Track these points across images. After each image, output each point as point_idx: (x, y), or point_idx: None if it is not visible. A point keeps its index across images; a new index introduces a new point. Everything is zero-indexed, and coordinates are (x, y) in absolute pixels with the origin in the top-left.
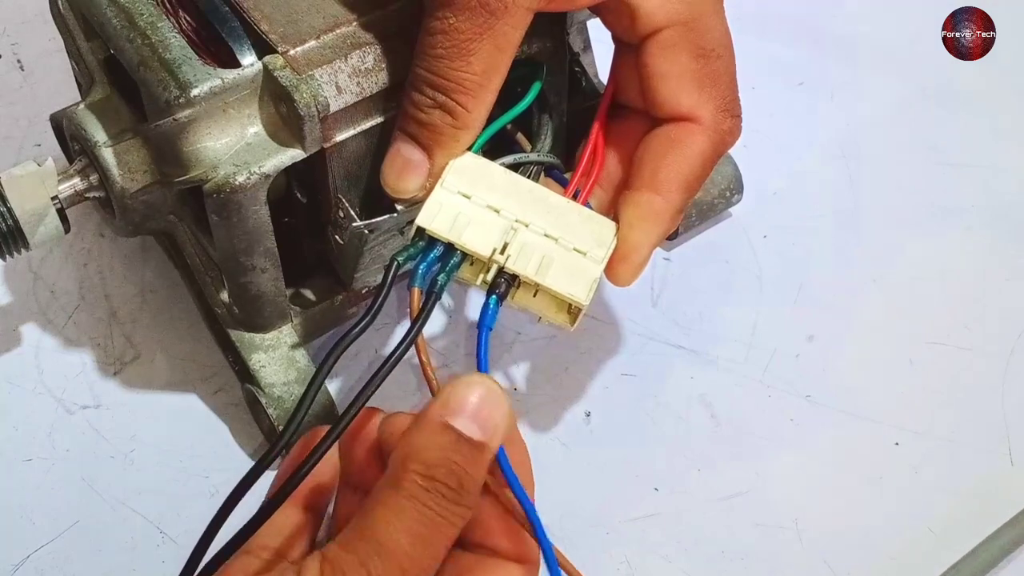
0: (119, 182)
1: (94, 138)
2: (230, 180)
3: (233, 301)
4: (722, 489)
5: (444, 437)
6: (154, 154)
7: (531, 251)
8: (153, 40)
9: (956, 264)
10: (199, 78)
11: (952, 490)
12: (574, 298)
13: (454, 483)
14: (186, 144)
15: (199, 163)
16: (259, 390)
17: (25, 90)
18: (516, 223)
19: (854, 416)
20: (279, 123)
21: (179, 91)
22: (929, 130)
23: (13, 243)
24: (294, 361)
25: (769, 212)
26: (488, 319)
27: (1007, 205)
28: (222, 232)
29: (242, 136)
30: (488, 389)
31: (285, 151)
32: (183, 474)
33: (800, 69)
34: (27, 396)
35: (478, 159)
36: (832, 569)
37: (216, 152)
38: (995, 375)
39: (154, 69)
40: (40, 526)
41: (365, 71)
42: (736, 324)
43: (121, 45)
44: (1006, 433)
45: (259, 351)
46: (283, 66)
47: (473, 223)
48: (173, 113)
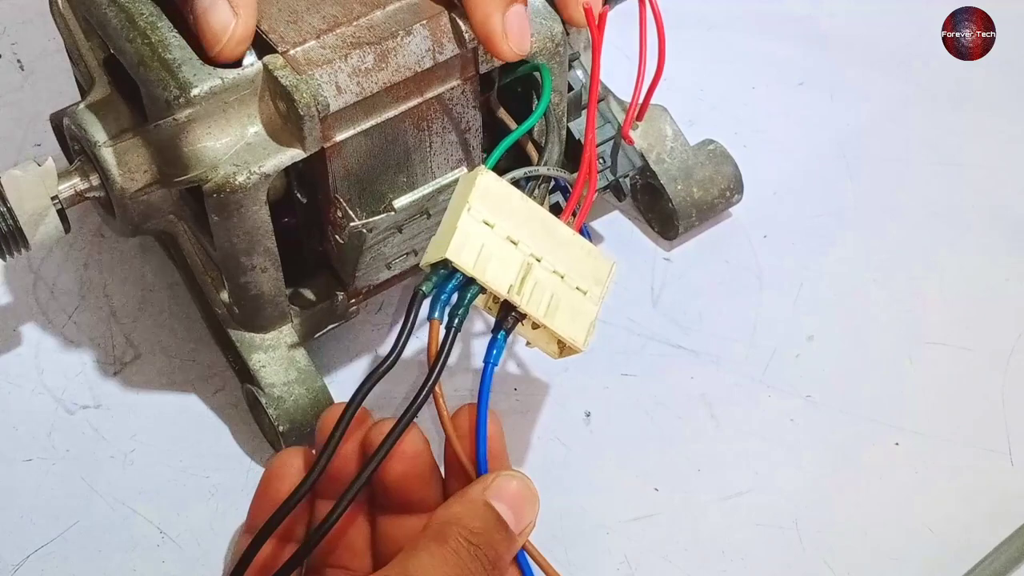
0: (119, 182)
1: (94, 138)
2: (230, 180)
3: (233, 301)
4: (722, 489)
5: (488, 513)
6: (154, 154)
7: (542, 290)
8: (153, 40)
9: (956, 264)
10: (199, 78)
11: (952, 490)
12: (574, 343)
13: (492, 555)
14: (186, 144)
15: (199, 163)
16: (259, 390)
17: (25, 90)
18: (530, 257)
19: (854, 416)
20: (279, 123)
21: (179, 91)
22: (929, 130)
23: (13, 243)
24: (294, 361)
25: (769, 212)
26: (495, 357)
27: (1007, 205)
28: (222, 232)
29: (242, 136)
30: (527, 486)
31: (285, 151)
32: (183, 474)
33: (800, 69)
34: (27, 396)
35: (500, 182)
36: (832, 569)
37: (216, 152)
38: (995, 375)
39: (154, 69)
40: (40, 526)
41: (365, 71)
42: (736, 324)
43: (121, 45)
44: (1006, 433)
45: (259, 351)
46: (283, 66)
47: (494, 257)
48: (173, 113)
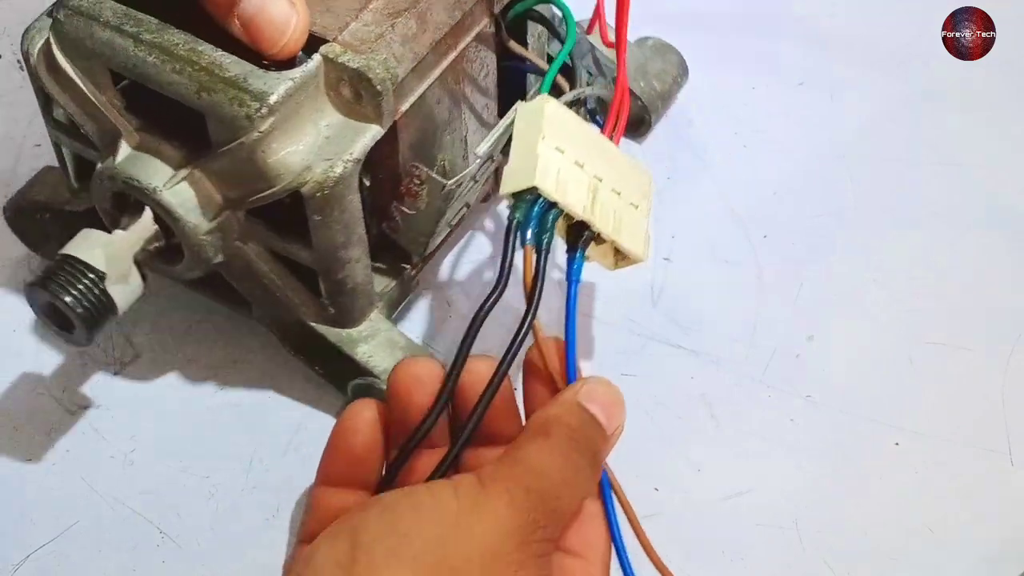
0: (190, 221)
1: (152, 184)
2: (330, 175)
3: (329, 301)
4: (722, 489)
5: (583, 413)
6: (219, 182)
7: (608, 208)
8: (203, 63)
9: (956, 264)
10: (271, 85)
11: (952, 490)
12: (638, 256)
13: (592, 449)
14: (270, 155)
15: (288, 170)
16: (375, 379)
17: (25, 90)
18: (594, 178)
19: (854, 416)
20: (349, 108)
21: (258, 103)
22: (929, 130)
23: (104, 316)
24: (394, 342)
25: (769, 212)
26: (577, 273)
27: (1007, 205)
28: (323, 231)
29: (318, 131)
30: (615, 391)
31: (365, 132)
32: (183, 474)
33: (800, 69)
34: (27, 396)
35: (561, 107)
36: (832, 569)
37: (302, 154)
38: (995, 375)
39: (220, 90)
40: (40, 526)
41: (413, 36)
42: (736, 324)
43: (167, 80)
44: (1006, 433)
45: (361, 343)
46: (343, 52)
47: (571, 181)
48: (257, 127)
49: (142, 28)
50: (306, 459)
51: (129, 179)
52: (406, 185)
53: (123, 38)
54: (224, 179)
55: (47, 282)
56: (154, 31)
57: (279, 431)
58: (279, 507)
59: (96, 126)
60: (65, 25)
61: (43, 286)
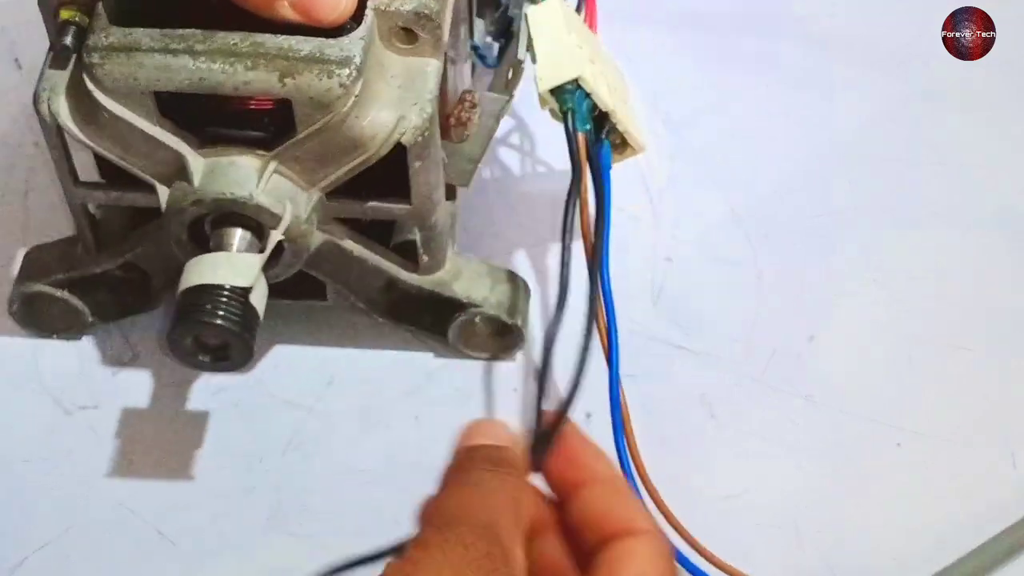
0: (289, 215)
1: (244, 192)
2: (424, 117)
3: (423, 249)
4: (722, 489)
5: None
6: (304, 168)
7: (618, 101)
8: (273, 52)
9: (956, 264)
10: (349, 48)
11: (952, 490)
12: (641, 144)
13: None
14: (364, 118)
15: (383, 128)
16: (480, 309)
17: (23, 89)
18: (602, 75)
19: (854, 416)
20: (405, 52)
21: (347, 68)
22: (929, 130)
23: (255, 329)
24: (477, 271)
25: (769, 212)
26: (607, 159)
27: (1007, 205)
28: (422, 176)
29: (388, 84)
30: None
31: (428, 69)
32: (183, 474)
33: (800, 69)
34: (26, 396)
35: (564, 4)
36: (832, 569)
37: (390, 108)
38: (995, 375)
39: (302, 71)
40: (39, 526)
41: None
42: (736, 324)
43: (243, 79)
44: (1006, 433)
45: (455, 283)
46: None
47: (595, 75)
48: (351, 92)
49: (190, 41)
50: (306, 459)
51: (219, 196)
52: (456, 115)
53: (177, 56)
54: (310, 163)
55: (204, 315)
56: (203, 40)
57: (279, 431)
58: (279, 507)
59: (149, 161)
60: (104, 66)
61: (199, 320)
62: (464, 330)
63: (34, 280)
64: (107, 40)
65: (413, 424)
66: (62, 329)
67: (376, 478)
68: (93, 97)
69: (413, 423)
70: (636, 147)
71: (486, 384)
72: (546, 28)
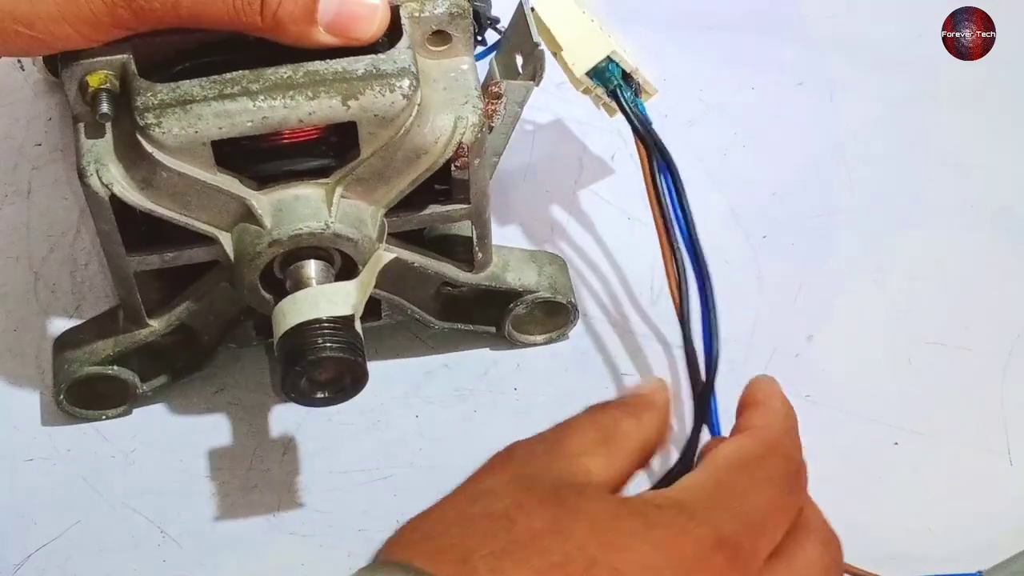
0: (363, 238)
1: (319, 224)
2: (478, 113)
3: (479, 246)
4: None
5: None
6: (367, 188)
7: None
8: (329, 77)
9: (956, 264)
10: (402, 59)
11: (952, 490)
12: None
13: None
14: (424, 125)
15: (443, 131)
16: (534, 294)
17: (25, 90)
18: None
19: (854, 416)
20: (434, 57)
21: (406, 78)
22: (929, 130)
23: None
24: (526, 258)
25: (769, 212)
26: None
27: (1007, 205)
28: (480, 173)
29: (434, 89)
30: None
31: (465, 68)
32: (183, 474)
33: (800, 69)
34: (27, 396)
35: None
36: None
37: (445, 112)
38: (995, 375)
39: (362, 90)
40: (41, 526)
41: None
42: (736, 324)
43: (307, 111)
44: (1005, 433)
45: (506, 274)
46: (419, 5)
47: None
48: (414, 102)
49: (242, 82)
50: (306, 459)
51: (295, 233)
52: (488, 105)
53: (235, 100)
54: (372, 181)
55: (316, 351)
56: (255, 78)
57: (279, 431)
58: (279, 507)
59: (209, 213)
60: (161, 125)
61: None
62: (519, 318)
63: (81, 363)
64: (157, 98)
65: (413, 424)
66: (111, 406)
67: (376, 478)
68: (152, 158)
69: (413, 423)
70: (651, 91)
71: (486, 384)
72: (560, 14)
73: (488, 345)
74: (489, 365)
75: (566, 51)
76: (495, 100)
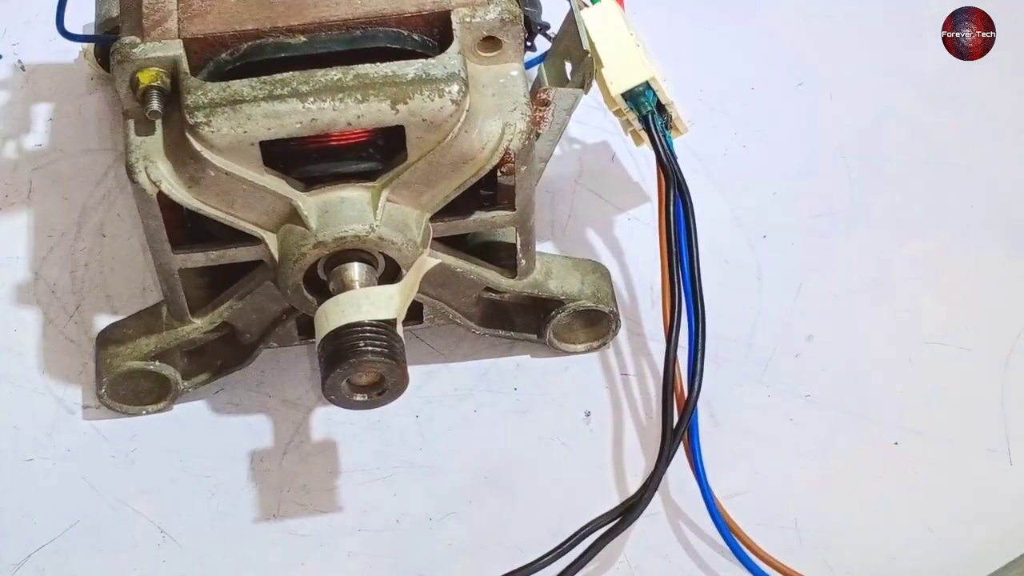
0: (407, 242)
1: (364, 227)
2: (526, 120)
3: (523, 253)
4: (722, 489)
5: None
6: (413, 193)
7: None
8: (379, 80)
9: (956, 264)
10: (452, 64)
11: (952, 490)
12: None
13: None
14: (473, 131)
15: (491, 138)
16: (577, 303)
17: (26, 90)
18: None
19: (854, 416)
20: (484, 63)
21: (455, 83)
22: (929, 130)
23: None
24: (569, 265)
25: (769, 212)
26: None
27: (1007, 205)
28: (527, 180)
29: (483, 95)
30: None
31: (515, 74)
32: (183, 474)
33: (800, 69)
34: (28, 396)
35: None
36: (832, 569)
37: (494, 118)
38: (995, 375)
39: (411, 95)
40: (41, 525)
41: None
42: (736, 324)
43: (356, 114)
44: (1005, 433)
45: (549, 282)
46: (471, 12)
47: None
48: (463, 107)
49: (292, 83)
50: (306, 459)
51: (340, 235)
52: (536, 112)
53: (284, 102)
54: (418, 186)
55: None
56: (305, 80)
57: (279, 431)
58: (279, 507)
59: (255, 212)
60: (211, 124)
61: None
62: (560, 326)
63: (124, 357)
64: (207, 96)
65: (413, 424)
66: (151, 402)
67: (376, 478)
68: (200, 157)
69: (413, 423)
70: (683, 129)
71: (486, 384)
72: (607, 30)
73: (488, 346)
74: (489, 365)
75: (607, 68)
76: (543, 107)
